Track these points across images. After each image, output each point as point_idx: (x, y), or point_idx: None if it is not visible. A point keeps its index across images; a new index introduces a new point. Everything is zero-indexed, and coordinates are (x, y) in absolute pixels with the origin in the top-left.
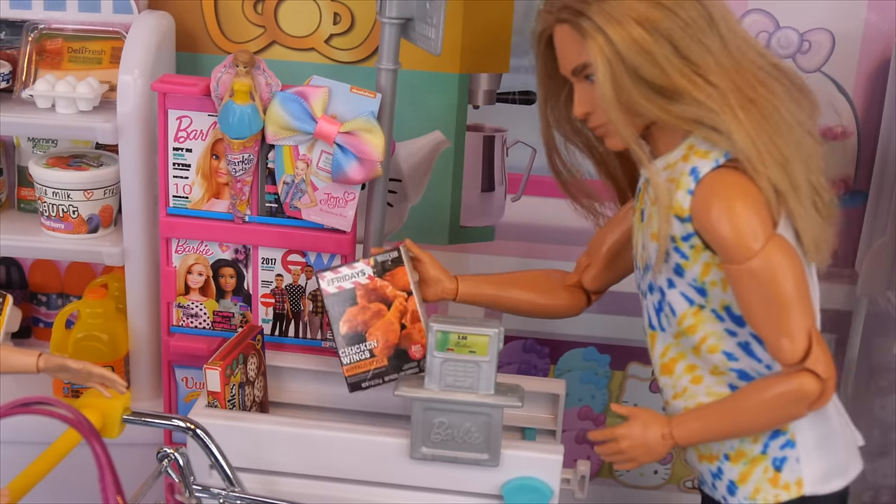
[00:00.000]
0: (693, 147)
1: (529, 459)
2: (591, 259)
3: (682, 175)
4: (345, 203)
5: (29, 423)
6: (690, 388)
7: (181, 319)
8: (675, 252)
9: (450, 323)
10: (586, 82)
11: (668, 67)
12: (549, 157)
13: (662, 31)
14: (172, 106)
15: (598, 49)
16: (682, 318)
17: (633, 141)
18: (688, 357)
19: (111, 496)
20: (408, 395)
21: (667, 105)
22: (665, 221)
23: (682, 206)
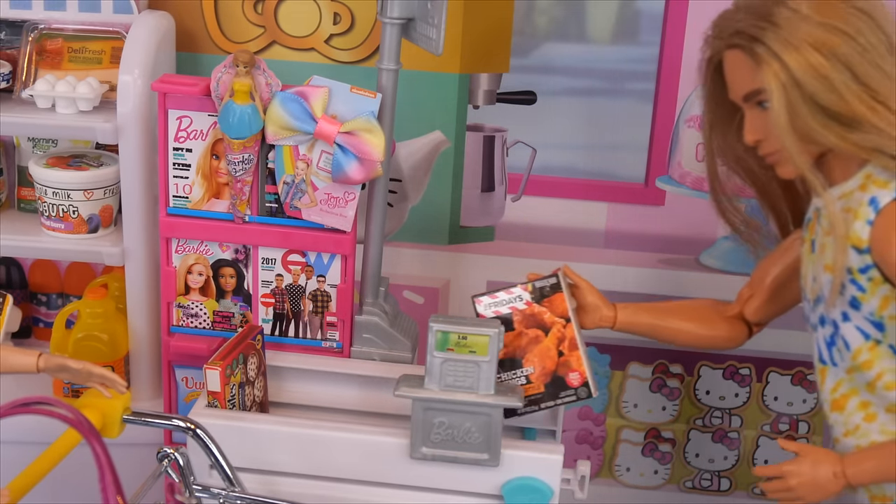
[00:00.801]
0: (871, 176)
1: (529, 459)
2: (754, 290)
3: (861, 205)
4: (345, 203)
5: (29, 423)
6: (863, 426)
7: (181, 319)
8: (852, 284)
9: (450, 323)
10: (758, 109)
11: (847, 94)
12: (710, 185)
13: (840, 57)
14: (172, 106)
15: (773, 75)
16: (857, 353)
17: (807, 169)
18: (861, 393)
19: (111, 496)
20: (408, 395)
21: (845, 133)
22: (841, 252)
23: (861, 236)
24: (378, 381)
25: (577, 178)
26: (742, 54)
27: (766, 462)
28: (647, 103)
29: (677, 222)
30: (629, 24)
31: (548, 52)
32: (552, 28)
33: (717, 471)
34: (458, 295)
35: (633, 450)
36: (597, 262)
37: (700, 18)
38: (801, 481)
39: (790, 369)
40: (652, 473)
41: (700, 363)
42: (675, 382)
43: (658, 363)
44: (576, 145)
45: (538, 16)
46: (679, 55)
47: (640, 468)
